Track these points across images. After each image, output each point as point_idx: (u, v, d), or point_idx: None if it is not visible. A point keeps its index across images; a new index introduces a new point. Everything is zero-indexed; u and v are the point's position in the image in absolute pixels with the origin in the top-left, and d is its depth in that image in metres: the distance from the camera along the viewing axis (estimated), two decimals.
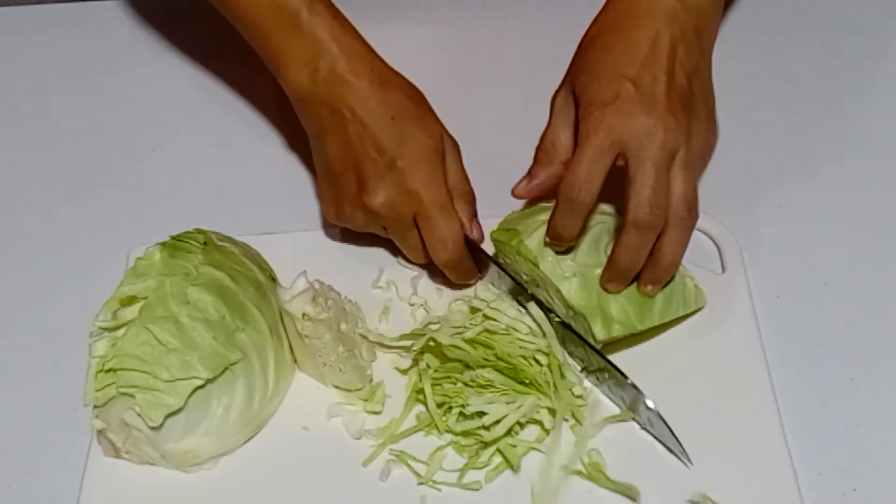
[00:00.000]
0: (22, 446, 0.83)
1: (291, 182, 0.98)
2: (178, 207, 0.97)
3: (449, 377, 0.81)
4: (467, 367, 0.81)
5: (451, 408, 0.80)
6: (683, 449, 0.78)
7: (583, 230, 0.82)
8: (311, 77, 0.86)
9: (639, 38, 0.81)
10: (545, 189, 0.85)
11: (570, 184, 0.79)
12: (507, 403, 0.80)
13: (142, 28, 1.12)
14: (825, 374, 0.84)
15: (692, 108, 0.81)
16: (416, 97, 0.88)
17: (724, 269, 0.89)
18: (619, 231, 0.81)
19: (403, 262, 0.91)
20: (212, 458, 0.80)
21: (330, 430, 0.82)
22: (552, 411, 0.80)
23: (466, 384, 0.81)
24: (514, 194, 0.86)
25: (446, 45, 0.94)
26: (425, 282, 0.90)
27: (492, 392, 0.80)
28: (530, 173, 0.85)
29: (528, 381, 0.81)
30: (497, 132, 1.00)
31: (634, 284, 0.82)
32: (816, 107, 1.01)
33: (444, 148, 0.87)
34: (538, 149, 0.85)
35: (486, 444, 0.79)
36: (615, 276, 0.81)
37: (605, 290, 0.82)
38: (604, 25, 0.84)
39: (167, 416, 0.77)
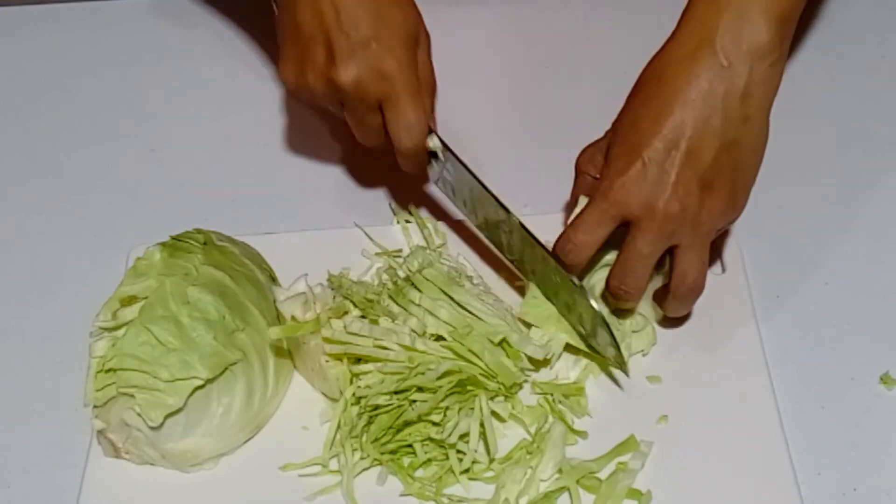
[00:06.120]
0: (22, 446, 0.83)
1: (291, 182, 0.98)
2: (178, 207, 0.97)
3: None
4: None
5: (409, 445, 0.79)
6: (623, 359, 0.81)
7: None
8: None
9: (672, 104, 0.78)
10: None
11: (563, 242, 0.81)
12: (468, 413, 0.79)
13: (142, 28, 1.12)
14: (825, 374, 0.84)
15: (710, 188, 0.79)
16: None
17: (724, 270, 0.89)
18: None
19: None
20: (212, 458, 0.80)
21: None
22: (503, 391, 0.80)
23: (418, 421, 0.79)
24: None
25: (444, 46, 0.94)
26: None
27: (448, 410, 0.79)
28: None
29: (469, 383, 0.80)
30: (494, 133, 1.00)
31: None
32: (816, 107, 1.01)
33: (419, 36, 0.86)
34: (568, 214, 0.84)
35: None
36: None
37: None
38: (651, 73, 0.81)
39: (167, 416, 0.77)
